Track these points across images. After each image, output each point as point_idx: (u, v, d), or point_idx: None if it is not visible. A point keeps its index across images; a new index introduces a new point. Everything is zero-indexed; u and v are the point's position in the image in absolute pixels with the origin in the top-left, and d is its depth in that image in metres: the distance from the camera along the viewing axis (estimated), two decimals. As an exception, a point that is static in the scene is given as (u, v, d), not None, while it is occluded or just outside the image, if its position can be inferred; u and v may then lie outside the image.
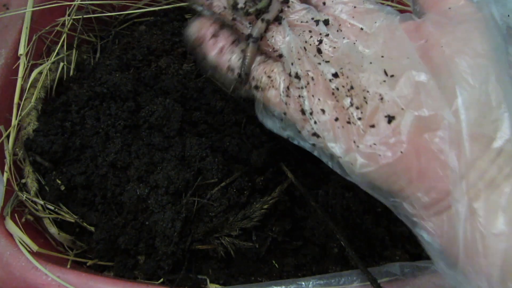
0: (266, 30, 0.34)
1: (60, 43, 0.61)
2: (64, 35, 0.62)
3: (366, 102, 0.30)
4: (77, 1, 0.62)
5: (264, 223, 0.49)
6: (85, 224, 0.50)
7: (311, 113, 0.31)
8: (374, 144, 0.29)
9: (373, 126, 0.29)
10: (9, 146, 0.51)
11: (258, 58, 0.35)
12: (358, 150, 0.29)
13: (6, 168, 0.50)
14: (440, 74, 0.29)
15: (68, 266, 0.47)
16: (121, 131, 0.53)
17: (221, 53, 0.34)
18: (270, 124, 0.34)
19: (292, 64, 0.32)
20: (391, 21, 0.32)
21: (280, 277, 0.48)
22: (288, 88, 0.32)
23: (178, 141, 0.52)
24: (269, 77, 0.33)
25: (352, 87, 0.31)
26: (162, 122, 0.52)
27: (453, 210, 0.27)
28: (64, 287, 0.42)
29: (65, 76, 0.61)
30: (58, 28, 0.61)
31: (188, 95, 0.56)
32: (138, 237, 0.48)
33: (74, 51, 0.63)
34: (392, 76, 0.30)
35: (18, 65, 0.56)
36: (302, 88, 0.32)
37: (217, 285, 0.47)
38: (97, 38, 0.68)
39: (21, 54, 0.56)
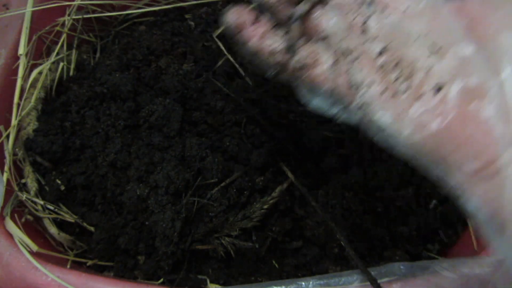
0: (311, 10, 0.35)
1: (60, 43, 0.61)
2: (64, 35, 0.62)
3: (414, 75, 0.31)
4: (77, 1, 0.62)
5: (264, 223, 0.49)
6: (85, 224, 0.50)
7: (359, 87, 0.32)
8: (422, 114, 0.30)
9: (420, 96, 0.30)
10: (9, 146, 0.51)
11: (301, 40, 0.35)
12: (405, 120, 0.30)
13: (6, 168, 0.50)
14: (486, 48, 0.30)
15: (68, 266, 0.47)
16: (121, 131, 0.53)
17: (262, 38, 0.35)
18: (316, 103, 0.36)
19: (339, 42, 0.34)
20: (435, 2, 0.34)
21: (280, 277, 0.48)
22: (335, 64, 0.34)
23: (178, 141, 0.52)
24: (314, 56, 0.34)
25: (399, 62, 0.32)
26: (162, 122, 0.52)
27: (501, 175, 0.28)
28: (64, 287, 0.41)
29: (65, 76, 0.61)
30: (58, 28, 0.61)
31: (188, 95, 0.56)
32: (138, 237, 0.48)
33: (74, 51, 0.63)
34: (438, 50, 0.31)
35: (18, 65, 0.56)
36: (349, 63, 0.33)
37: (217, 285, 0.47)
38: (97, 38, 0.68)
39: (21, 54, 0.56)
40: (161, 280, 0.47)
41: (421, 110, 0.30)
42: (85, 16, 0.64)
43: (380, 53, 0.33)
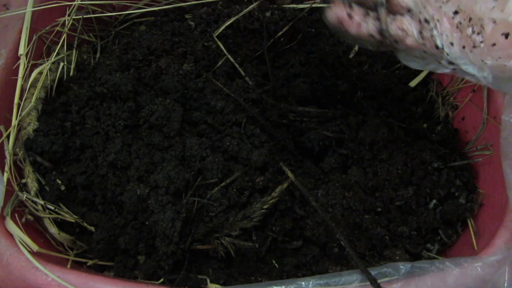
0: None
1: (60, 43, 0.61)
2: (64, 35, 0.62)
3: (484, 27, 0.36)
4: (77, 1, 0.62)
5: (264, 223, 0.49)
6: (85, 224, 0.50)
7: (443, 47, 0.39)
8: (499, 57, 0.36)
9: (494, 44, 0.36)
10: (9, 146, 0.51)
11: (389, 18, 0.42)
12: (488, 65, 0.37)
13: (6, 168, 0.50)
14: None
15: (68, 266, 0.47)
16: (121, 131, 0.53)
17: (359, 26, 0.43)
18: (415, 64, 0.44)
19: (420, 13, 0.40)
20: None
21: (280, 277, 0.48)
22: (421, 32, 0.40)
23: (178, 141, 0.52)
24: (403, 30, 0.41)
25: (470, 19, 0.37)
26: (162, 122, 0.52)
27: None
28: (64, 287, 0.42)
29: (65, 76, 0.61)
30: (58, 28, 0.61)
31: (188, 95, 0.56)
32: (138, 237, 0.48)
33: (74, 51, 0.63)
34: (499, 1, 0.36)
35: (18, 65, 0.56)
36: (432, 29, 0.39)
37: (217, 285, 0.47)
38: (97, 38, 0.68)
39: (21, 54, 0.56)
40: (161, 280, 0.47)
41: (498, 54, 0.36)
42: (85, 16, 0.64)
43: (455, 14, 0.38)
